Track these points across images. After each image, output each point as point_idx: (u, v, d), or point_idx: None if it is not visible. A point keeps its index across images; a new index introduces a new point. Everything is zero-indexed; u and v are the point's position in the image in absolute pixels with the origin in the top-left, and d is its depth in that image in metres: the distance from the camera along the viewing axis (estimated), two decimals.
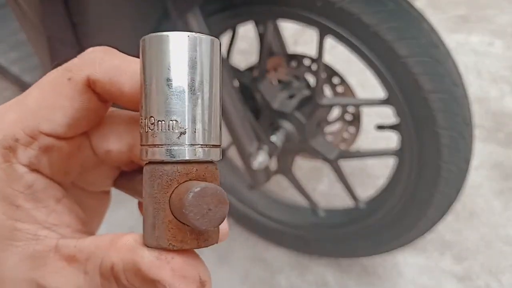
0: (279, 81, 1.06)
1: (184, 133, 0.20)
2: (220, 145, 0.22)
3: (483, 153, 1.40)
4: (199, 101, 0.21)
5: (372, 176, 1.36)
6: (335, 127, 1.08)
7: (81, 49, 0.94)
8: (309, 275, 1.17)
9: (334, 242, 1.08)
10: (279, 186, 1.33)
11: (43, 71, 1.10)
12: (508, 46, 1.78)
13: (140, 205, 0.30)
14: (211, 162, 0.22)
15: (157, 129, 0.20)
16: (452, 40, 1.78)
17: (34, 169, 0.23)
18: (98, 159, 0.27)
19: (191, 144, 0.20)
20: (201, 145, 0.21)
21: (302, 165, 1.40)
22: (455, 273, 1.15)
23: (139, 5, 0.88)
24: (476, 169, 1.35)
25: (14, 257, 0.23)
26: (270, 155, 0.93)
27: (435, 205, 0.88)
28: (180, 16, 0.78)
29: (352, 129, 1.04)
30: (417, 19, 0.78)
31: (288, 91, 1.00)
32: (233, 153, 0.98)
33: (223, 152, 1.21)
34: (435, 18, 1.09)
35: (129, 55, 0.24)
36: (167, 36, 0.20)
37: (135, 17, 0.92)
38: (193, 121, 0.20)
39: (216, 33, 0.94)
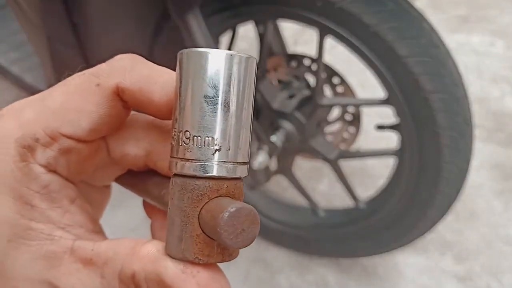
0: (279, 81, 1.06)
1: (219, 150, 0.21)
2: (248, 162, 0.23)
3: (483, 153, 1.40)
4: (235, 119, 0.21)
5: (372, 176, 1.36)
6: (335, 127, 1.08)
7: (81, 49, 0.94)
8: (309, 275, 1.17)
9: (334, 242, 1.08)
10: (279, 186, 1.33)
11: (43, 71, 1.10)
12: (508, 46, 1.78)
13: (145, 204, 0.30)
14: (239, 178, 0.22)
15: (192, 144, 0.21)
16: (452, 40, 1.78)
17: (51, 169, 0.23)
18: (112, 160, 0.27)
19: (224, 161, 0.21)
20: (233, 162, 0.21)
21: (302, 165, 1.40)
22: (455, 273, 1.14)
23: (139, 6, 0.88)
24: (477, 169, 1.35)
25: (26, 256, 0.23)
26: (270, 155, 0.92)
27: (435, 205, 0.88)
28: (180, 17, 0.78)
29: (352, 129, 1.04)
30: (417, 19, 0.77)
31: (288, 91, 1.00)
32: None
33: None
34: (435, 18, 1.09)
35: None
36: (208, 53, 0.20)
37: (135, 17, 0.92)
38: (228, 139, 0.21)
39: (216, 33, 0.94)
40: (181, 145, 0.21)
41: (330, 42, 0.88)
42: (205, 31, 0.79)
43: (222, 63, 0.20)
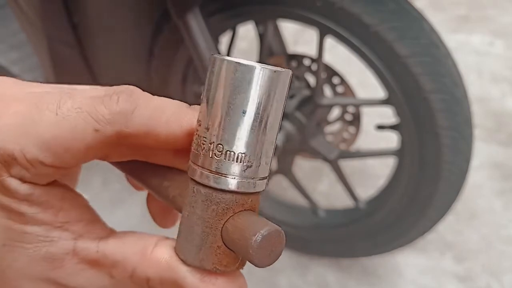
0: None
1: (250, 166, 0.21)
2: (268, 176, 0.23)
3: (483, 153, 1.40)
4: (267, 136, 0.21)
5: (373, 176, 1.36)
6: (335, 127, 1.08)
7: (81, 49, 0.94)
8: (310, 275, 1.17)
9: (334, 242, 1.08)
10: (279, 186, 1.32)
11: (43, 71, 1.10)
12: (508, 46, 1.78)
13: (130, 179, 0.29)
14: (260, 192, 0.22)
15: (224, 159, 0.20)
16: (452, 40, 1.78)
17: (27, 181, 0.22)
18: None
19: (253, 178, 0.21)
20: (259, 178, 0.21)
21: (302, 165, 1.40)
22: (456, 273, 1.14)
23: (139, 5, 0.88)
24: (477, 169, 1.35)
25: (24, 258, 0.22)
26: None
27: (435, 205, 0.88)
28: (180, 17, 0.78)
29: (352, 129, 1.04)
30: (418, 19, 0.77)
31: None
32: None
33: None
34: (435, 18, 1.09)
35: (128, 54, 0.23)
36: (254, 67, 0.20)
37: (135, 17, 0.92)
38: (259, 156, 0.21)
39: (216, 33, 0.94)
40: (211, 157, 0.20)
41: (330, 42, 0.88)
42: (205, 31, 0.79)
43: (266, 79, 0.20)
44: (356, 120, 1.02)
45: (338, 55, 1.39)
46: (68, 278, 0.23)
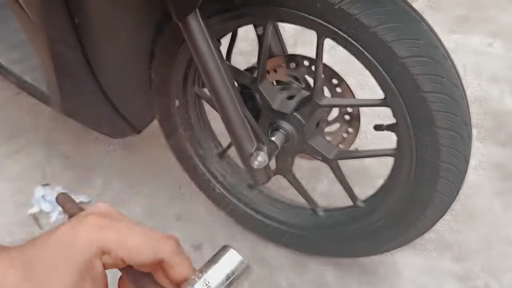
0: (279, 82, 1.06)
1: None
2: None
3: (483, 153, 1.40)
4: None
5: (371, 176, 1.36)
6: (334, 127, 1.08)
7: (82, 49, 0.94)
8: (309, 275, 1.17)
9: (333, 242, 1.09)
10: (279, 186, 1.33)
11: (44, 71, 1.10)
12: (508, 46, 1.78)
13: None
14: None
15: None
16: (452, 40, 1.78)
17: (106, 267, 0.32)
18: None
19: None
20: None
21: (302, 165, 1.40)
22: (455, 273, 1.15)
23: (140, 7, 0.88)
24: (476, 169, 1.35)
25: None
26: (270, 155, 0.93)
27: (434, 205, 0.88)
28: (180, 17, 0.78)
29: (351, 129, 1.05)
30: (416, 20, 0.78)
31: (287, 91, 1.00)
32: (233, 153, 0.98)
33: (223, 152, 1.21)
34: (434, 19, 1.09)
35: (129, 55, 0.25)
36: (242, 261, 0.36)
37: (136, 18, 0.92)
38: None
39: (216, 34, 0.94)
40: None
41: (329, 42, 0.88)
42: (205, 32, 0.79)
43: (242, 267, 0.36)
44: (355, 120, 1.03)
45: (337, 56, 1.39)
46: None
